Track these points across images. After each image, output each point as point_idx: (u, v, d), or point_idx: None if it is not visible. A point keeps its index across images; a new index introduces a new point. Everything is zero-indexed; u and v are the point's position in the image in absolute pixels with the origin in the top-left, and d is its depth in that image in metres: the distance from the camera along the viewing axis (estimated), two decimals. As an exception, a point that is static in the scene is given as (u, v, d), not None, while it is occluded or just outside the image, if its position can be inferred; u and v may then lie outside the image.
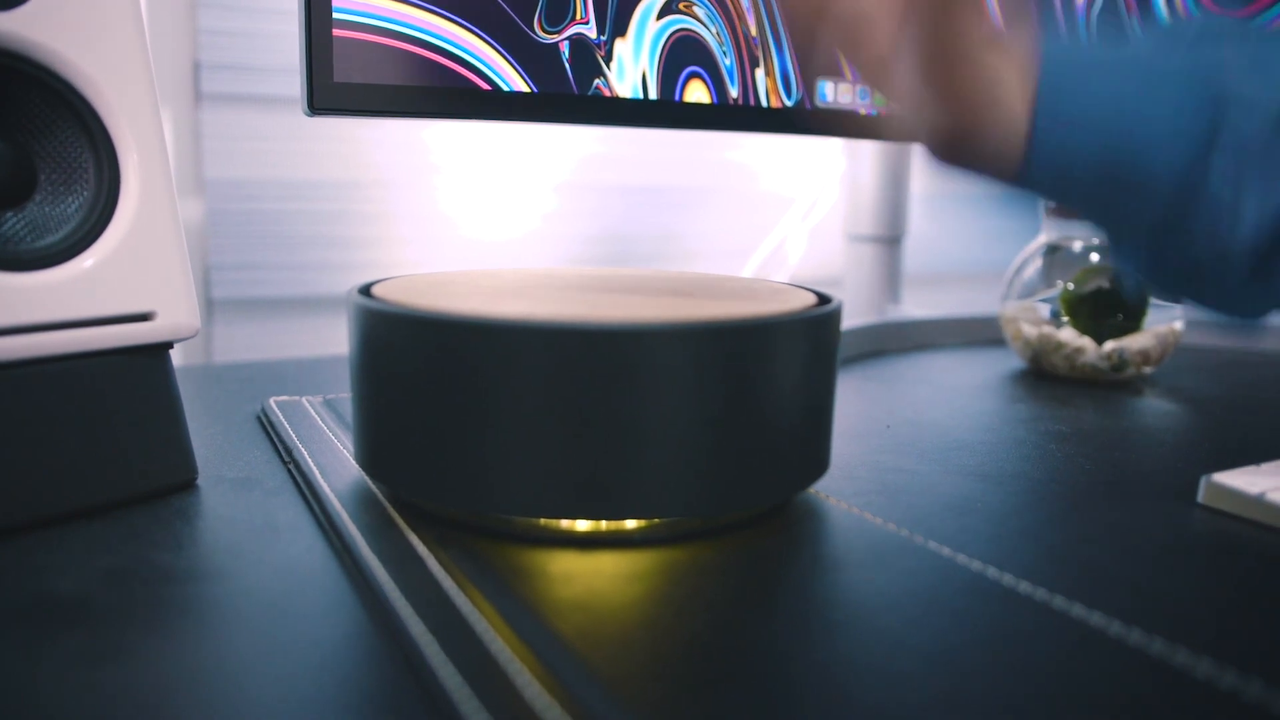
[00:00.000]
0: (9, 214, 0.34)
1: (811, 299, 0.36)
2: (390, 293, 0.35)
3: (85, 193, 0.35)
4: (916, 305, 0.88)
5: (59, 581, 0.29)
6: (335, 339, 0.75)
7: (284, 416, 0.45)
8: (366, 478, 0.37)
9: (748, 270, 0.91)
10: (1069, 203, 0.38)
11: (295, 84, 0.70)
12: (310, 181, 0.73)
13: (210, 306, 0.72)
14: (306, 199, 0.73)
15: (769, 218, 0.91)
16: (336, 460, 0.39)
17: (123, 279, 0.35)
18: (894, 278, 0.79)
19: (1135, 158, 0.35)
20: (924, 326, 0.73)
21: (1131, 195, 0.35)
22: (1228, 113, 0.33)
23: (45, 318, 0.33)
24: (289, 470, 0.39)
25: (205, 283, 0.71)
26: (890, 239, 0.78)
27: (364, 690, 0.23)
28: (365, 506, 0.34)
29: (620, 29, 0.49)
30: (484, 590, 0.28)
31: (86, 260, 0.34)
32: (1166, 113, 0.34)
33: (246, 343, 0.73)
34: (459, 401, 0.31)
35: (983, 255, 1.05)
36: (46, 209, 0.35)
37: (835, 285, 0.88)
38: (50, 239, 0.34)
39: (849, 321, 0.73)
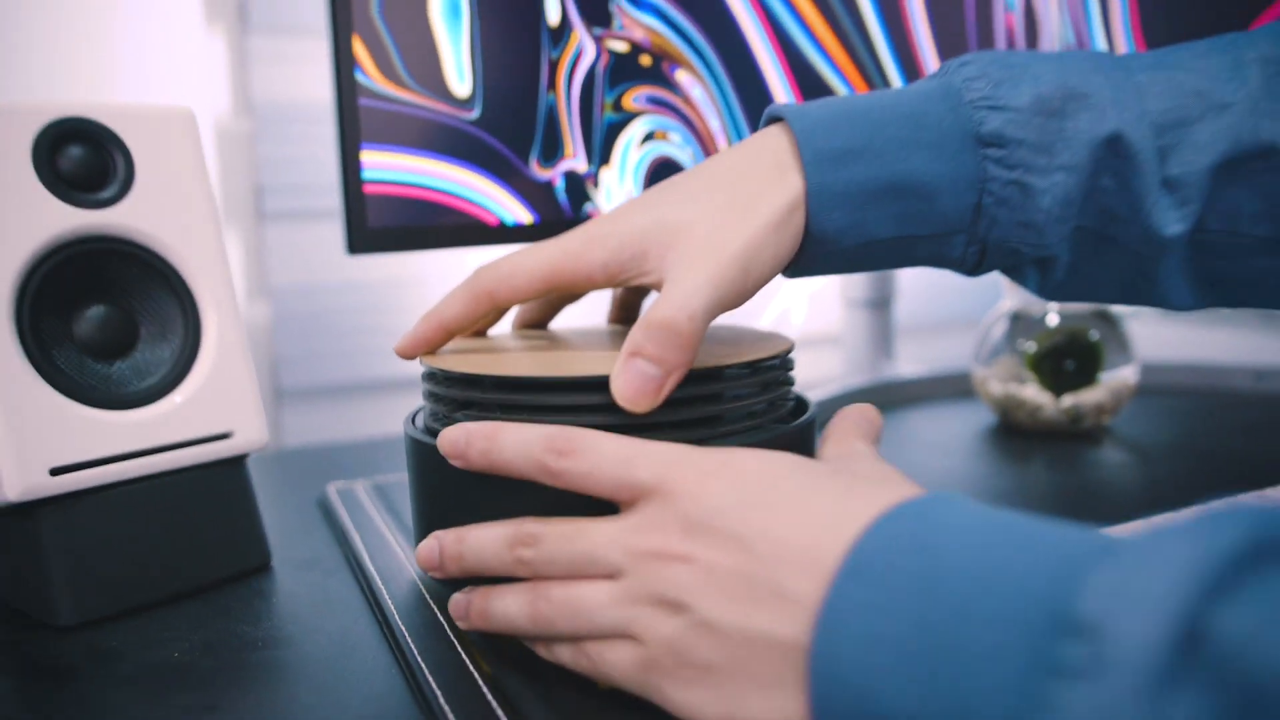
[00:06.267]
0: (119, 362, 0.44)
1: (787, 344, 0.43)
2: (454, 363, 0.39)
3: (175, 342, 0.45)
4: (912, 359, 0.95)
5: (170, 650, 0.38)
6: (391, 418, 0.85)
7: (340, 503, 0.54)
8: (405, 562, 0.45)
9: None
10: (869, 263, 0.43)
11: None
12: (363, 282, 0.83)
13: (279, 395, 0.82)
14: (360, 295, 0.83)
15: (772, 283, 0.99)
16: (381, 542, 0.48)
17: (206, 408, 0.45)
18: (886, 336, 0.87)
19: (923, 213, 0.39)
20: (911, 385, 0.80)
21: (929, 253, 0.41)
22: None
23: (148, 444, 0.43)
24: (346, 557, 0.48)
25: (274, 374, 0.81)
26: (880, 301, 0.86)
27: (392, 727, 0.32)
28: (402, 585, 0.43)
29: (605, 158, 0.58)
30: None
31: (177, 396, 0.44)
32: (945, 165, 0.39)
33: (313, 423, 0.83)
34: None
35: (976, 304, 1.10)
36: (146, 356, 0.44)
37: (834, 344, 0.95)
38: (149, 381, 0.44)
39: (844, 381, 0.80)
